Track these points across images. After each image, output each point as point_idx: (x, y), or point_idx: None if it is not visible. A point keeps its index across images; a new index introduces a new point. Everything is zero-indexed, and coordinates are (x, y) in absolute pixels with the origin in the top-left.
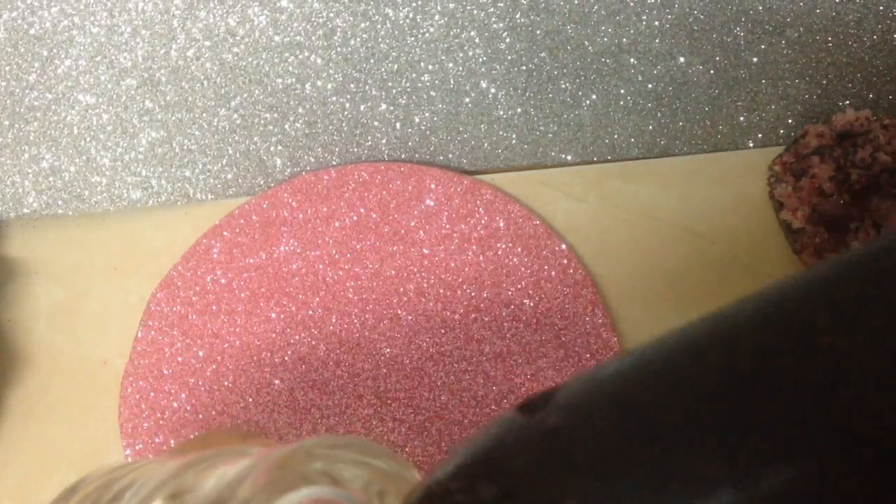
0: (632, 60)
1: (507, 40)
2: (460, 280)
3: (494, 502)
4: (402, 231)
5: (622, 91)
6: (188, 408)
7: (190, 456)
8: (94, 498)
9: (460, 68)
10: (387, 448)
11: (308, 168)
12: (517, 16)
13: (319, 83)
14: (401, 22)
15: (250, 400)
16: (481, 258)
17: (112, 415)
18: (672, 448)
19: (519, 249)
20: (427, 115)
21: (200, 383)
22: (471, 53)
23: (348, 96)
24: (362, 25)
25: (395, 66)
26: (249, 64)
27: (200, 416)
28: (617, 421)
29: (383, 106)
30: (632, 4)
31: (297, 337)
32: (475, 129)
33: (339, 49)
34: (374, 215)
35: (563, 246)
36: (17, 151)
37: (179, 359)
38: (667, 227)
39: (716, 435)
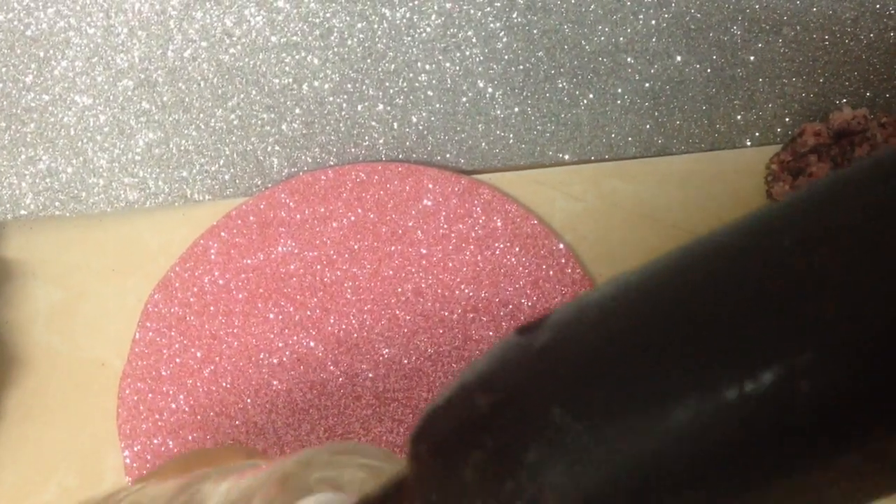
0: (629, 59)
1: (505, 40)
2: (458, 280)
3: (487, 410)
4: (400, 231)
5: (619, 90)
6: (186, 409)
7: (188, 475)
8: None
9: (457, 68)
10: (385, 450)
11: (305, 168)
12: (514, 15)
13: (316, 83)
14: (398, 22)
15: (248, 401)
16: (479, 258)
17: (110, 416)
18: (645, 360)
19: (517, 249)
20: (424, 114)
21: (199, 384)
22: (468, 53)
23: (345, 96)
24: (359, 25)
25: (392, 65)
26: (246, 64)
27: (199, 417)
28: (598, 337)
29: (380, 106)
30: (629, 4)
31: (295, 338)
32: (472, 128)
33: (336, 49)
34: (371, 215)
35: (561, 245)
36: (13, 153)
37: (177, 360)
38: (665, 226)
39: (686, 348)
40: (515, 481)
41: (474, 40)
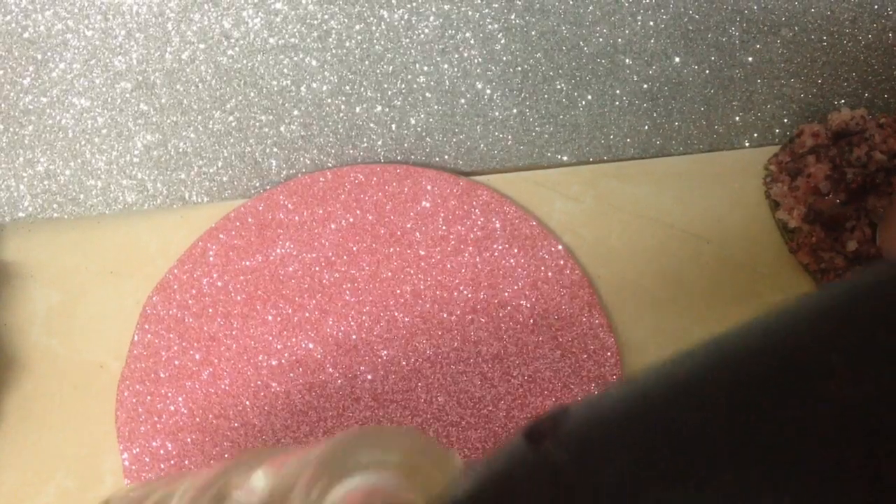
0: (627, 61)
1: (503, 41)
2: (457, 281)
3: None
4: (399, 233)
5: (618, 91)
6: (185, 411)
7: (226, 461)
8: None
9: (456, 69)
10: (415, 429)
11: (304, 170)
12: (512, 17)
13: (315, 85)
14: (395, 23)
15: (247, 403)
16: (478, 259)
17: (109, 419)
18: (666, 490)
19: (515, 250)
20: (423, 116)
21: (197, 386)
22: (466, 55)
23: (344, 98)
24: (357, 27)
25: (391, 67)
26: (244, 66)
27: (197, 419)
28: (618, 460)
29: (379, 108)
30: (626, 5)
31: (293, 339)
32: (471, 130)
33: (334, 51)
34: (370, 217)
35: (560, 246)
36: (11, 155)
37: (176, 362)
38: (663, 226)
39: (712, 472)
40: None
41: (472, 42)
